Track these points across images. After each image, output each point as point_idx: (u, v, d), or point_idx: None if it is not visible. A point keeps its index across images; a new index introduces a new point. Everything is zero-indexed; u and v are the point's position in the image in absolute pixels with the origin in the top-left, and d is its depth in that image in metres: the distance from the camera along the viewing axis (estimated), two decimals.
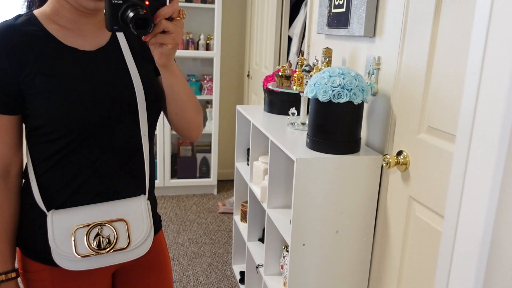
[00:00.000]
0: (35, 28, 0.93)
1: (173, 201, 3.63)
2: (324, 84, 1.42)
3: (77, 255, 0.94)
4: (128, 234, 0.98)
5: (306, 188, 1.44)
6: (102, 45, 1.00)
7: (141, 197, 1.03)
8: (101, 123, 0.96)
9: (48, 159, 0.96)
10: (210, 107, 3.76)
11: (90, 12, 0.95)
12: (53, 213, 0.95)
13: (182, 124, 1.06)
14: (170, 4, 0.85)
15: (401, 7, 1.39)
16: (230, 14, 3.84)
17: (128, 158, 1.02)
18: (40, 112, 0.91)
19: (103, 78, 0.97)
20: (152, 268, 1.13)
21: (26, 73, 0.90)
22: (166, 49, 0.87)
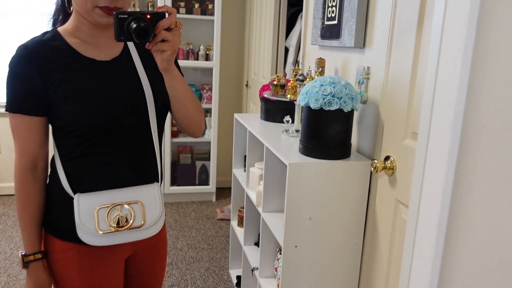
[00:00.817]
0: (59, 42, 1.09)
1: (173, 207, 3.69)
2: (315, 93, 1.49)
3: (99, 231, 1.08)
4: (143, 215, 1.12)
5: (298, 192, 1.51)
6: (116, 56, 1.15)
7: (155, 184, 1.18)
8: (116, 123, 1.10)
9: (72, 152, 1.11)
10: (209, 116, 3.84)
11: (104, 26, 1.09)
12: (78, 196, 1.10)
13: (185, 121, 1.21)
14: (168, 17, 1.01)
15: (388, 20, 1.47)
16: (229, 26, 3.94)
17: (140, 151, 1.17)
18: (64, 114, 1.07)
19: (118, 85, 1.12)
20: (156, 254, 1.31)
21: (52, 81, 1.05)
22: (166, 55, 1.03)
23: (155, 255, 1.32)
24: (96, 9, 1.04)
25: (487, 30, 0.61)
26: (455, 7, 0.59)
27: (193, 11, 3.60)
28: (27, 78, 1.05)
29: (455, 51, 0.61)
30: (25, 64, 1.05)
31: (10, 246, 2.93)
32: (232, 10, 3.93)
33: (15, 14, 3.67)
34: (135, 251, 1.26)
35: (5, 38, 3.69)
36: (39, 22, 3.72)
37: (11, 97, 1.07)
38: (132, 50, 1.18)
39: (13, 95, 1.07)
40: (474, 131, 0.62)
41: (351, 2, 1.65)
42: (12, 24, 3.68)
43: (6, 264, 2.71)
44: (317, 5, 1.98)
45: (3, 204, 3.64)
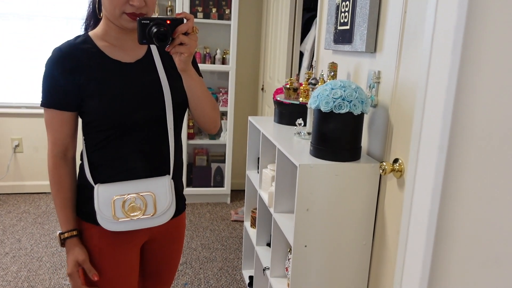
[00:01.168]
0: (90, 45, 1.22)
1: (188, 208, 3.76)
2: (326, 96, 1.53)
3: (115, 218, 1.21)
4: (154, 205, 1.23)
5: (308, 193, 1.54)
6: (140, 58, 1.27)
7: (166, 176, 1.28)
8: (137, 118, 1.22)
9: (96, 145, 1.24)
10: (225, 119, 3.90)
11: (129, 30, 1.21)
12: (98, 186, 1.23)
13: (201, 118, 1.32)
14: (186, 23, 1.13)
15: (397, 26, 1.50)
16: (246, 30, 4.00)
17: (157, 146, 1.28)
18: (91, 110, 1.20)
19: (140, 84, 1.23)
20: (172, 240, 1.42)
21: (82, 80, 1.18)
22: (183, 57, 1.14)
23: (170, 243, 1.43)
24: (124, 15, 1.16)
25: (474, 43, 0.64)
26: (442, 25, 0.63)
27: (211, 16, 3.67)
28: (60, 77, 1.17)
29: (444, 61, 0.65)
30: (59, 65, 1.18)
31: (30, 243, 3.03)
32: (248, 15, 3.99)
33: (42, 19, 3.80)
34: (151, 237, 1.37)
35: (33, 42, 3.81)
36: (64, 26, 3.84)
37: (47, 94, 1.20)
38: (154, 53, 1.29)
39: (48, 92, 1.20)
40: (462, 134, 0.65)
41: (363, 8, 1.68)
42: (39, 28, 3.80)
43: (26, 259, 2.80)
44: (330, 10, 2.02)
45: (24, 202, 3.76)
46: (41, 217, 3.46)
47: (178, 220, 1.42)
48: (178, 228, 1.44)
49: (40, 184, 3.99)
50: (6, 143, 3.88)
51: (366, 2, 1.66)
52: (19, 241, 3.04)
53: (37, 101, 3.84)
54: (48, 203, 3.75)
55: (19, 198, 3.85)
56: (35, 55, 3.83)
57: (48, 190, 3.99)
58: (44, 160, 3.95)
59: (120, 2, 1.15)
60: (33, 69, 3.84)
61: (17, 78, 3.85)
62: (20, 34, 3.79)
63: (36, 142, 3.92)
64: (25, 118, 3.87)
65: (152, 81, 1.25)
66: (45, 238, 3.11)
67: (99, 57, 1.21)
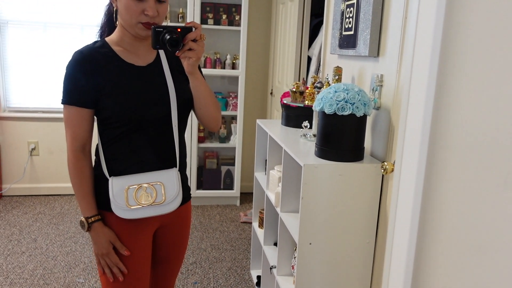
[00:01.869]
0: (107, 50, 1.35)
1: (198, 210, 3.83)
2: (329, 98, 1.59)
3: (129, 206, 1.33)
4: (163, 193, 1.36)
5: (313, 192, 1.60)
6: (150, 62, 1.40)
7: (173, 169, 1.41)
8: (147, 116, 1.34)
9: (111, 140, 1.37)
10: (234, 122, 3.97)
11: (143, 37, 1.35)
12: (112, 179, 1.36)
13: (205, 117, 1.44)
14: (195, 31, 1.27)
15: (399, 31, 1.56)
16: (255, 36, 4.07)
17: (164, 141, 1.41)
18: (107, 107, 1.32)
19: (150, 85, 1.37)
20: (180, 226, 1.55)
21: (100, 80, 1.31)
22: (191, 61, 1.29)
23: (179, 229, 1.55)
24: (139, 24, 1.30)
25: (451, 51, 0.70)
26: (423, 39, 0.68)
27: (221, 22, 3.76)
28: (81, 78, 1.29)
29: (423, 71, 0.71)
30: (80, 66, 1.30)
31: (46, 242, 3.12)
32: (258, 21, 4.07)
33: (57, 26, 3.92)
34: (162, 224, 1.49)
35: (49, 48, 3.94)
36: (79, 33, 3.96)
37: (68, 92, 1.31)
38: (162, 58, 1.42)
39: (70, 91, 1.31)
40: (442, 132, 0.71)
41: (366, 14, 1.74)
42: (55, 35, 3.93)
43: (42, 258, 2.89)
44: (335, 16, 2.08)
45: (40, 204, 3.86)
46: (56, 218, 3.56)
47: (185, 208, 1.55)
48: (185, 216, 1.56)
49: (55, 186, 4.10)
50: (22, 146, 4.00)
51: (369, 8, 1.72)
52: (35, 241, 3.14)
53: (53, 106, 3.96)
54: (63, 205, 3.86)
55: (35, 199, 3.97)
56: (50, 61, 3.95)
57: (63, 192, 4.10)
58: (59, 162, 4.06)
59: (136, 13, 1.28)
60: (49, 75, 3.96)
61: (34, 84, 3.98)
62: (36, 41, 3.92)
63: (51, 145, 4.03)
64: (41, 122, 3.99)
65: (161, 82, 1.38)
66: (60, 238, 3.20)
67: (115, 60, 1.34)
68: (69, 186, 4.07)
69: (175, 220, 1.52)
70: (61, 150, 4.05)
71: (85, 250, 3.02)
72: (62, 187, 4.10)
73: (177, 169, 1.42)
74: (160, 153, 1.41)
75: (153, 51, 1.41)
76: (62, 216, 3.61)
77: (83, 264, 2.84)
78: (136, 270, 1.43)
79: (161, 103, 1.36)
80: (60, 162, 4.07)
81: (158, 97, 1.36)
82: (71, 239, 3.19)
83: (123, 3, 1.28)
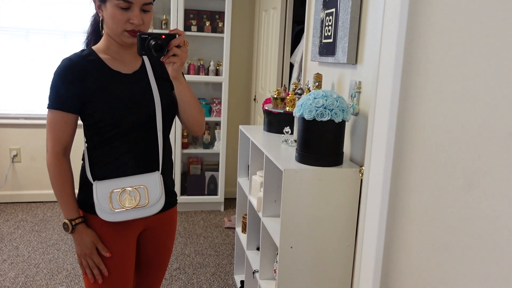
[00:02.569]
0: (94, 57, 1.40)
1: (182, 216, 3.83)
2: (309, 105, 1.63)
3: (113, 209, 1.36)
4: (147, 196, 1.39)
5: (294, 196, 1.63)
6: (136, 69, 1.45)
7: (156, 172, 1.45)
8: (133, 121, 1.39)
9: (98, 145, 1.41)
10: (218, 128, 3.99)
11: (128, 45, 1.40)
12: (96, 183, 1.39)
13: (189, 121, 1.49)
14: (178, 37, 1.32)
15: (378, 38, 1.60)
16: (238, 43, 4.11)
17: (148, 145, 1.44)
18: (93, 113, 1.36)
19: (135, 92, 1.41)
20: (165, 231, 1.58)
21: (87, 87, 1.35)
22: (176, 66, 1.34)
23: (163, 234, 1.57)
24: (125, 33, 1.34)
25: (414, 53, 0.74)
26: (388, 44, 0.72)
27: (204, 29, 3.79)
28: (68, 84, 1.34)
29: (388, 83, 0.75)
30: (68, 73, 1.34)
31: (28, 250, 3.09)
32: (241, 28, 4.11)
33: (40, 32, 3.90)
34: (146, 227, 1.52)
35: (31, 55, 3.91)
36: (62, 40, 3.95)
37: (54, 97, 1.35)
38: (147, 66, 1.46)
39: (56, 96, 1.35)
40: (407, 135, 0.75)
41: (344, 23, 1.79)
42: (37, 41, 3.91)
43: (24, 266, 2.86)
44: (316, 24, 2.13)
45: (22, 211, 3.82)
46: (38, 225, 3.53)
47: (170, 213, 1.57)
48: (170, 221, 1.59)
49: (38, 193, 4.06)
50: (4, 153, 3.96)
51: (347, 17, 1.77)
52: (16, 248, 3.11)
53: (35, 112, 3.94)
54: (45, 212, 3.82)
55: (17, 207, 3.92)
56: (33, 67, 3.93)
57: (45, 199, 4.06)
58: (41, 169, 4.02)
59: (122, 21, 1.32)
60: (31, 81, 3.93)
61: (16, 90, 3.95)
62: (18, 47, 3.89)
63: (33, 152, 4.00)
64: (23, 128, 3.95)
65: (146, 88, 1.42)
66: (42, 245, 3.17)
67: (102, 68, 1.39)
68: (51, 193, 4.03)
69: (159, 224, 1.54)
70: (44, 157, 4.01)
71: (68, 257, 3.00)
72: (44, 194, 4.07)
73: (159, 172, 1.45)
74: (144, 157, 1.44)
75: (139, 59, 1.46)
76: (44, 223, 3.58)
77: (65, 271, 2.82)
78: (119, 273, 1.45)
79: (145, 109, 1.40)
80: (42, 169, 4.04)
81: (143, 102, 1.40)
82: (53, 246, 3.17)
83: (109, 12, 1.32)
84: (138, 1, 1.32)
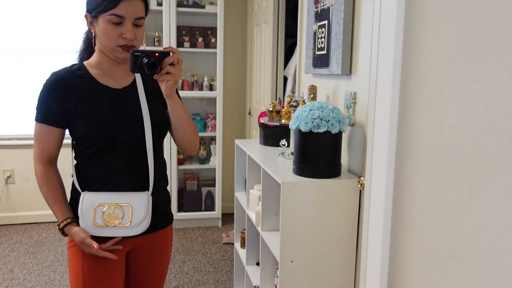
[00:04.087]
0: (83, 72, 1.39)
1: (180, 233, 3.79)
2: (305, 117, 1.63)
3: (94, 224, 1.34)
4: (130, 216, 1.36)
5: (292, 209, 1.62)
6: (126, 85, 1.43)
7: (145, 192, 1.41)
8: (117, 138, 1.36)
9: (85, 161, 1.40)
10: (214, 143, 3.98)
11: (121, 61, 1.39)
12: (84, 194, 1.38)
13: (182, 140, 1.46)
14: (172, 55, 1.30)
15: (369, 49, 1.61)
16: (231, 57, 4.13)
17: (137, 164, 1.42)
18: (79, 128, 1.35)
19: (124, 108, 1.38)
20: (156, 254, 1.52)
21: (72, 102, 1.34)
22: (169, 84, 1.31)
23: (154, 256, 1.52)
24: (117, 48, 1.34)
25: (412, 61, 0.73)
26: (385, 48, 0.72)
27: (197, 45, 3.80)
28: (54, 98, 1.34)
29: None
30: (54, 87, 1.34)
31: (23, 272, 3.04)
32: (233, 43, 4.13)
33: (32, 52, 3.90)
34: (134, 247, 1.48)
35: (23, 75, 3.90)
36: (54, 60, 3.95)
37: (41, 110, 1.35)
38: (138, 82, 1.43)
39: (42, 109, 1.35)
40: (408, 144, 0.74)
41: (337, 34, 1.80)
42: (30, 62, 3.90)
43: None
44: (308, 36, 2.14)
45: (16, 233, 3.77)
46: (33, 247, 3.47)
47: (162, 234, 1.53)
48: (163, 241, 1.55)
49: (32, 214, 4.01)
50: None
51: (339, 28, 1.77)
52: (11, 271, 3.05)
53: (28, 133, 3.91)
54: (40, 233, 3.77)
55: (11, 229, 3.87)
56: (25, 88, 3.92)
57: (40, 220, 4.01)
58: (35, 190, 3.97)
59: (115, 36, 1.32)
60: (24, 102, 3.92)
61: (9, 111, 3.92)
62: (10, 68, 3.88)
63: (27, 173, 3.96)
64: (16, 149, 3.92)
65: (134, 105, 1.40)
66: (38, 267, 3.12)
67: (90, 82, 1.38)
68: (46, 214, 3.99)
69: (149, 245, 1.50)
70: None
71: (64, 279, 2.95)
72: (39, 215, 4.02)
73: (149, 192, 1.42)
74: (132, 175, 1.42)
75: (131, 75, 1.44)
76: (39, 244, 3.53)
77: None
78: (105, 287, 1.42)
79: (133, 125, 1.38)
80: (36, 190, 3.97)
81: (130, 119, 1.38)
82: (49, 268, 3.11)
83: (101, 28, 1.32)
84: (130, 15, 1.31)
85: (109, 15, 1.29)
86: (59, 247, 3.46)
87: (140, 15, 1.34)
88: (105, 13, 1.30)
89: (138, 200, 1.38)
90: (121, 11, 1.30)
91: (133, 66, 1.29)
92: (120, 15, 1.30)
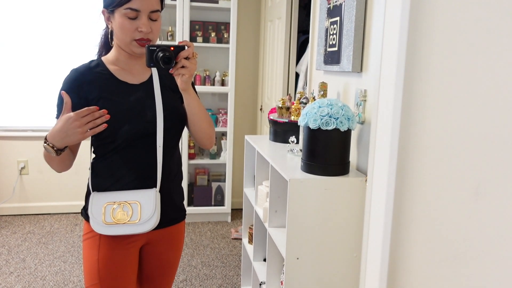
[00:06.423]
0: (102, 68, 1.41)
1: (189, 227, 3.81)
2: (314, 114, 1.62)
3: (104, 222, 1.35)
4: (139, 213, 1.37)
5: (299, 206, 1.61)
6: (144, 81, 1.44)
7: (153, 189, 1.41)
8: (136, 134, 1.38)
9: (102, 156, 1.42)
10: (224, 138, 3.98)
11: (138, 55, 1.41)
12: (94, 194, 1.40)
13: (198, 134, 1.48)
14: (187, 49, 1.32)
15: (380, 46, 1.59)
16: (244, 53, 4.12)
17: (146, 162, 1.42)
18: None
19: (140, 103, 1.40)
20: (169, 247, 1.55)
21: (92, 97, 1.36)
22: (185, 78, 1.32)
23: (168, 250, 1.55)
24: (133, 42, 1.35)
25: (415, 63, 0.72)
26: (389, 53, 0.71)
27: (210, 40, 3.80)
28: (73, 93, 1.34)
29: None
30: (74, 83, 1.36)
31: (34, 262, 3.09)
32: (246, 38, 4.12)
33: (48, 46, 3.94)
34: (148, 241, 1.50)
35: (39, 68, 3.95)
36: (69, 54, 3.99)
37: (60, 107, 1.36)
38: (155, 77, 1.44)
39: (61, 106, 1.34)
40: (411, 142, 0.73)
41: (349, 31, 1.78)
42: (45, 55, 3.94)
43: (30, 278, 2.86)
44: (320, 33, 2.12)
45: (29, 223, 3.83)
46: (45, 237, 3.53)
47: (175, 228, 1.55)
48: (176, 236, 1.56)
49: (45, 205, 4.07)
50: (12, 165, 3.98)
51: (351, 25, 1.76)
52: (23, 261, 3.10)
53: (43, 125, 3.96)
54: (52, 224, 3.83)
55: (24, 219, 3.93)
56: (40, 80, 3.97)
57: (52, 211, 4.07)
58: (49, 181, 4.04)
59: (130, 30, 1.33)
60: (38, 94, 3.97)
61: (24, 103, 3.98)
62: (26, 61, 3.93)
63: (41, 164, 4.02)
64: (31, 141, 3.98)
65: (150, 102, 1.41)
66: (49, 257, 3.17)
67: (108, 78, 1.39)
68: (59, 205, 4.05)
69: (163, 239, 1.52)
70: (51, 169, 4.03)
71: (74, 270, 2.99)
72: (51, 205, 4.08)
73: (156, 189, 1.42)
74: (142, 172, 1.43)
75: (148, 70, 1.46)
76: (51, 235, 3.58)
77: (72, 283, 2.81)
78: (120, 285, 1.43)
79: (147, 123, 1.39)
80: (50, 181, 4.05)
81: (144, 116, 1.39)
82: (60, 258, 3.16)
83: (118, 22, 1.34)
84: (145, 8, 1.32)
85: (125, 9, 1.31)
86: (71, 238, 3.51)
87: (156, 8, 1.35)
88: (120, 7, 1.31)
89: (146, 197, 1.39)
90: (136, 4, 1.31)
91: (148, 61, 1.30)
92: (135, 8, 1.31)
